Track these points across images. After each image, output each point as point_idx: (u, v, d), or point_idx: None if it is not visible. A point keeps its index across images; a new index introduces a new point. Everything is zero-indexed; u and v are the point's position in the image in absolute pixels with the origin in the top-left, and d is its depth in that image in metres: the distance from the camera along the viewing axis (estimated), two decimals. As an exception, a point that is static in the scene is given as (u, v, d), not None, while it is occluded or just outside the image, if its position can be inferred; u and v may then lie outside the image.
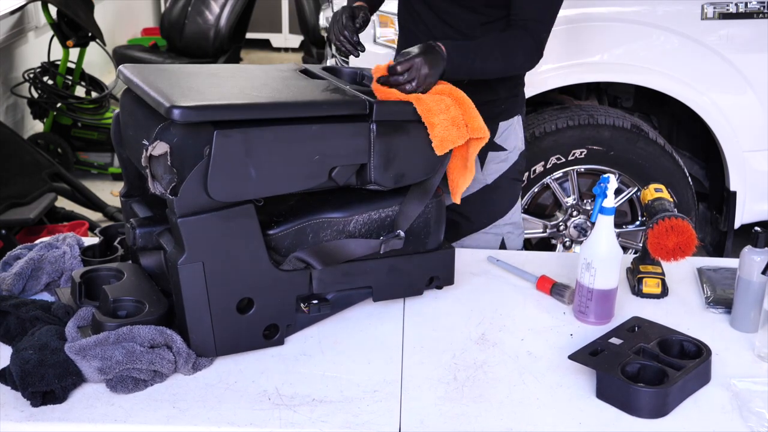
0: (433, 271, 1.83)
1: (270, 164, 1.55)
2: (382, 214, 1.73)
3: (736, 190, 3.09)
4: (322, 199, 1.72)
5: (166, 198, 1.51)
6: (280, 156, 1.55)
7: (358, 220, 1.71)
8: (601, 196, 1.73)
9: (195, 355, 1.59)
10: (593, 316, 1.78)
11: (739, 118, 3.01)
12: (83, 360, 1.51)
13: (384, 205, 1.74)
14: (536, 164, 2.96)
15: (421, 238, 1.78)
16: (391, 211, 1.74)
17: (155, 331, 1.56)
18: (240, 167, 1.51)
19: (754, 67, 2.96)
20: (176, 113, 1.46)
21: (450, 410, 1.51)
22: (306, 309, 1.68)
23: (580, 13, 2.92)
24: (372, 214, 1.72)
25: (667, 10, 2.92)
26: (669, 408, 1.50)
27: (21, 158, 3.68)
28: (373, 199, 1.73)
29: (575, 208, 3.07)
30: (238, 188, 1.54)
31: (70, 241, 1.93)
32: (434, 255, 1.82)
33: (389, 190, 1.74)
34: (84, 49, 4.65)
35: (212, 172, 1.48)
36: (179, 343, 1.57)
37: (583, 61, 2.95)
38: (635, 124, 2.99)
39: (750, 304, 1.75)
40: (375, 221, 1.73)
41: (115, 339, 1.53)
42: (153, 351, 1.53)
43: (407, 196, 1.75)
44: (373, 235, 1.73)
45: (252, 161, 1.52)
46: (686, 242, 1.84)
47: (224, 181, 1.50)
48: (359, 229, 1.71)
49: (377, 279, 1.76)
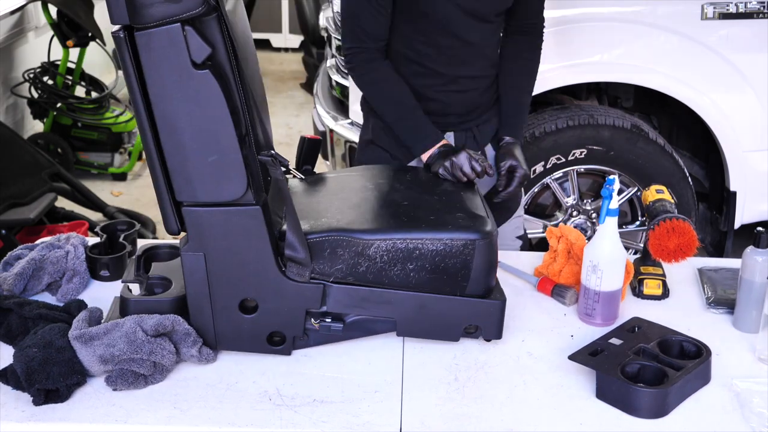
0: (472, 319, 1.66)
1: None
2: (409, 244, 1.61)
3: (736, 190, 3.08)
4: (357, 216, 1.68)
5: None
6: None
7: (380, 246, 1.61)
8: (608, 198, 1.73)
9: (201, 341, 1.60)
10: (600, 317, 1.78)
11: (739, 118, 3.01)
12: (85, 347, 1.52)
13: (413, 235, 1.61)
14: (536, 164, 2.96)
15: (458, 280, 1.62)
16: (421, 243, 1.61)
17: (163, 317, 1.58)
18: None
19: (754, 67, 2.95)
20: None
21: (451, 411, 1.51)
22: (317, 325, 1.64)
23: (580, 13, 2.91)
24: (397, 242, 1.61)
25: (667, 10, 2.92)
26: (669, 408, 1.50)
27: (21, 158, 3.67)
28: (401, 227, 1.64)
29: (575, 208, 3.06)
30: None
31: (75, 242, 1.93)
32: (474, 302, 1.64)
33: (421, 219, 1.67)
34: (84, 49, 4.65)
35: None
36: (186, 325, 1.59)
37: (583, 61, 2.95)
38: (635, 124, 2.99)
39: (752, 304, 1.75)
40: (400, 250, 1.61)
41: (120, 327, 1.55)
42: (154, 341, 1.54)
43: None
44: (398, 266, 1.62)
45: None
46: (687, 243, 1.84)
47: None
48: (381, 255, 1.61)
49: (402, 313, 1.64)
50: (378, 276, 1.61)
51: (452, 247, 1.61)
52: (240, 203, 1.55)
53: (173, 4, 1.42)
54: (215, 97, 1.48)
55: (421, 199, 1.81)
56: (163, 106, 1.49)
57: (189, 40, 1.45)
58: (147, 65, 1.47)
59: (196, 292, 1.60)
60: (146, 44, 1.45)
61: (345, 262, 1.60)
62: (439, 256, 1.61)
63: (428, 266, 1.61)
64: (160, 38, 1.44)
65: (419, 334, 1.69)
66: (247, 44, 1.73)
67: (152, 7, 1.42)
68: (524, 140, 2.91)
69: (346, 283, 1.62)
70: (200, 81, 1.47)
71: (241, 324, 1.62)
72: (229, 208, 1.55)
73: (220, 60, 1.52)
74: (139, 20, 1.43)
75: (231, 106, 1.51)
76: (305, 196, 1.79)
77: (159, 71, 1.47)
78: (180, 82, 1.47)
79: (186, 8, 1.43)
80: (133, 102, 1.51)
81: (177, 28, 1.44)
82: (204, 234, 1.56)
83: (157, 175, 1.54)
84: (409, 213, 1.71)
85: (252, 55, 1.76)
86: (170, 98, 1.48)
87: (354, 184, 1.86)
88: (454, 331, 1.67)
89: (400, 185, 1.87)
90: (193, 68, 1.46)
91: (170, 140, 1.51)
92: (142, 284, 1.72)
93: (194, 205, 1.55)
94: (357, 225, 1.63)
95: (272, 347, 1.64)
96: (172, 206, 1.57)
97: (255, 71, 1.76)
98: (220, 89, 1.48)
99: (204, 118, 1.50)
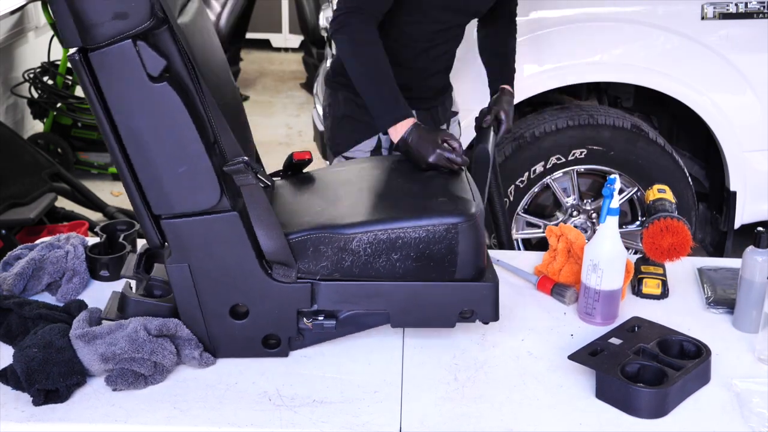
0: (465, 303, 1.64)
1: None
2: (391, 234, 1.60)
3: (736, 190, 3.08)
4: (338, 211, 1.67)
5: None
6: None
7: (362, 239, 1.60)
8: (609, 197, 1.73)
9: (203, 346, 1.60)
10: (600, 317, 1.78)
11: (739, 118, 3.01)
12: (87, 346, 1.52)
13: (393, 225, 1.60)
14: (536, 164, 2.96)
15: (445, 265, 1.61)
16: (403, 231, 1.60)
17: (167, 320, 1.58)
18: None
19: (754, 67, 2.95)
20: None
21: (450, 411, 1.51)
22: (309, 324, 1.64)
23: (580, 13, 2.91)
24: (379, 234, 1.60)
25: (667, 10, 2.92)
26: (668, 408, 1.50)
27: (21, 158, 3.67)
28: (381, 218, 1.63)
29: (575, 208, 3.06)
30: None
31: (74, 242, 1.93)
32: (465, 286, 1.63)
33: (402, 208, 1.66)
34: (84, 49, 4.65)
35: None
36: (188, 331, 1.59)
37: (583, 61, 2.95)
38: (635, 124, 2.99)
39: (752, 304, 1.75)
40: (383, 241, 1.60)
41: (124, 327, 1.55)
42: (155, 340, 1.54)
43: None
44: (382, 257, 1.61)
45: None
46: (681, 243, 1.84)
47: None
48: (364, 248, 1.60)
49: (394, 304, 1.63)
50: (364, 269, 1.61)
51: (435, 233, 1.59)
52: (216, 210, 1.55)
53: (121, 20, 1.43)
54: (176, 108, 1.49)
55: (403, 187, 1.80)
56: (126, 123, 1.50)
57: (142, 54, 1.46)
58: (105, 84, 1.48)
59: (186, 303, 1.60)
60: (101, 63, 1.47)
61: (329, 259, 1.60)
62: (422, 243, 1.59)
63: (413, 254, 1.60)
64: (114, 56, 1.45)
65: (414, 323, 1.68)
66: (211, 52, 1.72)
67: (101, 27, 1.43)
68: (524, 140, 2.92)
69: (333, 279, 1.62)
70: (159, 93, 1.48)
71: (234, 330, 1.62)
72: (206, 217, 1.55)
73: (178, 70, 1.52)
74: (90, 41, 1.45)
75: (194, 115, 1.51)
76: (288, 196, 1.79)
77: (118, 88, 1.48)
78: (140, 97, 1.48)
79: (134, 24, 1.44)
80: (97, 121, 1.52)
81: (129, 44, 1.45)
82: (185, 245, 1.56)
83: (132, 191, 1.55)
84: (390, 203, 1.72)
85: (217, 64, 1.75)
86: (132, 114, 1.49)
87: (337, 179, 1.86)
88: (449, 317, 1.65)
89: (384, 176, 1.86)
90: (151, 82, 1.47)
91: (138, 155, 1.52)
92: (141, 282, 1.72)
93: (172, 217, 1.55)
94: (338, 220, 1.63)
95: (268, 350, 1.64)
96: (151, 221, 1.57)
97: (222, 78, 1.76)
98: (180, 100, 1.48)
99: (168, 129, 1.50)
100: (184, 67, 1.53)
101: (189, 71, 1.53)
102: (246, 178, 1.54)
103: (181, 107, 1.49)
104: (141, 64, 1.46)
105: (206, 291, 1.59)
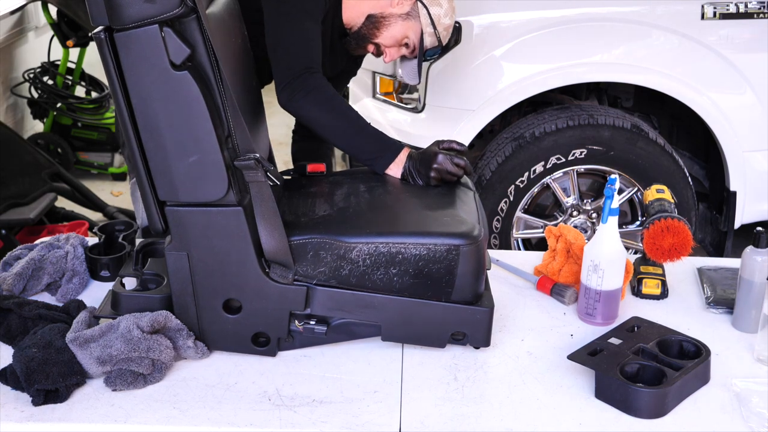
0: (458, 326, 1.64)
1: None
2: (392, 248, 1.59)
3: (736, 190, 3.08)
4: (342, 219, 1.67)
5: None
6: None
7: (363, 249, 1.60)
8: (610, 198, 1.73)
9: (194, 335, 1.61)
10: (601, 317, 1.78)
11: (739, 118, 3.00)
12: (82, 350, 1.52)
13: (395, 239, 1.59)
14: (536, 164, 2.95)
15: (442, 285, 1.60)
16: (404, 247, 1.59)
17: (156, 313, 1.59)
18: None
19: (754, 67, 2.95)
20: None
21: (450, 410, 1.51)
22: (300, 327, 1.64)
23: (580, 13, 2.91)
24: (380, 246, 1.59)
25: (666, 10, 2.91)
26: (668, 408, 1.50)
27: (21, 158, 3.67)
28: (384, 230, 1.62)
29: (575, 208, 3.06)
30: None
31: (74, 242, 1.93)
32: (460, 309, 1.62)
33: (406, 223, 1.66)
34: (84, 49, 4.64)
35: None
36: (177, 320, 1.60)
37: (583, 61, 2.94)
38: (635, 124, 2.99)
39: (751, 304, 1.75)
40: (383, 254, 1.59)
41: (116, 328, 1.55)
42: (150, 338, 1.54)
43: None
44: (381, 270, 1.61)
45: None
46: (682, 243, 1.84)
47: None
48: (363, 259, 1.60)
49: (386, 317, 1.63)
50: (361, 279, 1.61)
51: (435, 252, 1.59)
52: (221, 204, 1.55)
53: (150, 4, 1.43)
54: (194, 98, 1.49)
55: (411, 201, 1.80)
56: (143, 107, 1.50)
57: (167, 41, 1.46)
58: (127, 66, 1.48)
59: (180, 291, 1.61)
60: (125, 45, 1.46)
61: (328, 265, 1.60)
62: (422, 260, 1.59)
63: (411, 271, 1.60)
64: (139, 39, 1.45)
65: (404, 339, 1.67)
66: (237, 47, 1.71)
67: (130, 8, 1.43)
68: (524, 140, 2.92)
69: (329, 285, 1.61)
70: (179, 82, 1.48)
71: (225, 324, 1.62)
72: (210, 209, 1.56)
73: (200, 61, 1.52)
74: (118, 21, 1.44)
75: (211, 107, 1.51)
76: (295, 197, 1.79)
77: (138, 72, 1.48)
78: (159, 83, 1.48)
79: (163, 9, 1.44)
80: (115, 102, 1.52)
81: (155, 29, 1.44)
82: (186, 234, 1.57)
83: (141, 175, 1.55)
84: (395, 216, 1.71)
85: (242, 60, 1.74)
86: (150, 99, 1.49)
87: (346, 185, 1.86)
88: (440, 337, 1.65)
89: (393, 187, 1.85)
90: (173, 69, 1.47)
91: (151, 140, 1.52)
92: (139, 279, 1.73)
93: (177, 205, 1.56)
94: (341, 228, 1.63)
95: (257, 348, 1.64)
96: (156, 206, 1.57)
97: (245, 74, 1.75)
98: (199, 90, 1.48)
99: (183, 118, 1.50)
100: (207, 58, 1.53)
101: (211, 63, 1.53)
102: (255, 174, 1.54)
103: (199, 97, 1.49)
104: (165, 50, 1.46)
105: (202, 282, 1.59)
